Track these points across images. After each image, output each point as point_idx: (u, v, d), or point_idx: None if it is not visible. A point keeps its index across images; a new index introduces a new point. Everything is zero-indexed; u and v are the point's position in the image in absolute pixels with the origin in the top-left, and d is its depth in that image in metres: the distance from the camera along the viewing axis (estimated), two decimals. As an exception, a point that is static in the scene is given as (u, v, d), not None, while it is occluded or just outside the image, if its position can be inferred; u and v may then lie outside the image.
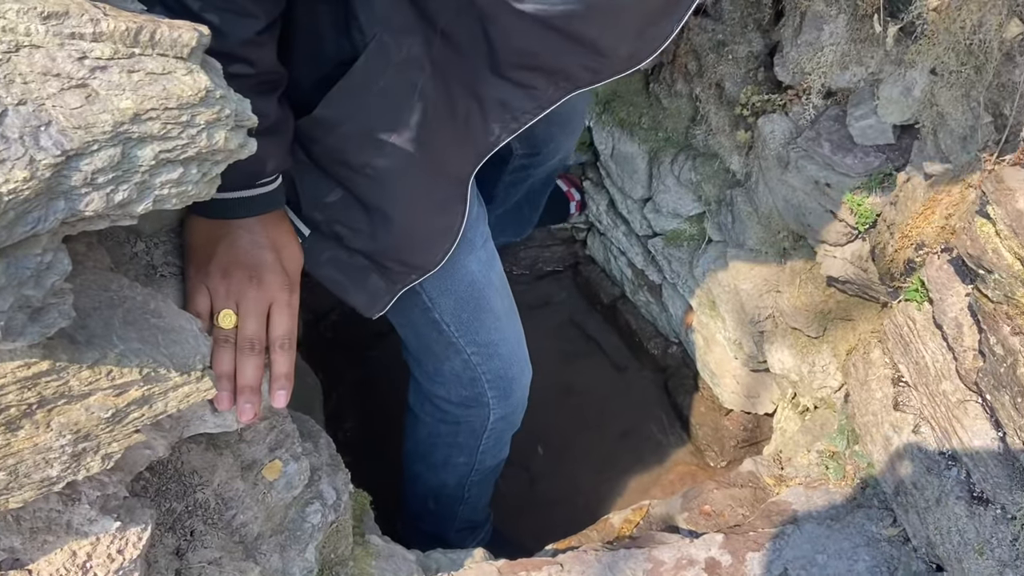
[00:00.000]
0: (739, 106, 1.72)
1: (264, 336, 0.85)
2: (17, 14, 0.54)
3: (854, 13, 1.45)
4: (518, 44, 0.90)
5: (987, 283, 0.98)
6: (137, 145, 0.57)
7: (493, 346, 1.39)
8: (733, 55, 1.74)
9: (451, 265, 1.19)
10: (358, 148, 0.98)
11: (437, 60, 0.92)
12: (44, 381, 0.57)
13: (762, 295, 1.78)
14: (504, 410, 1.49)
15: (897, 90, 1.38)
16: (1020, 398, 0.92)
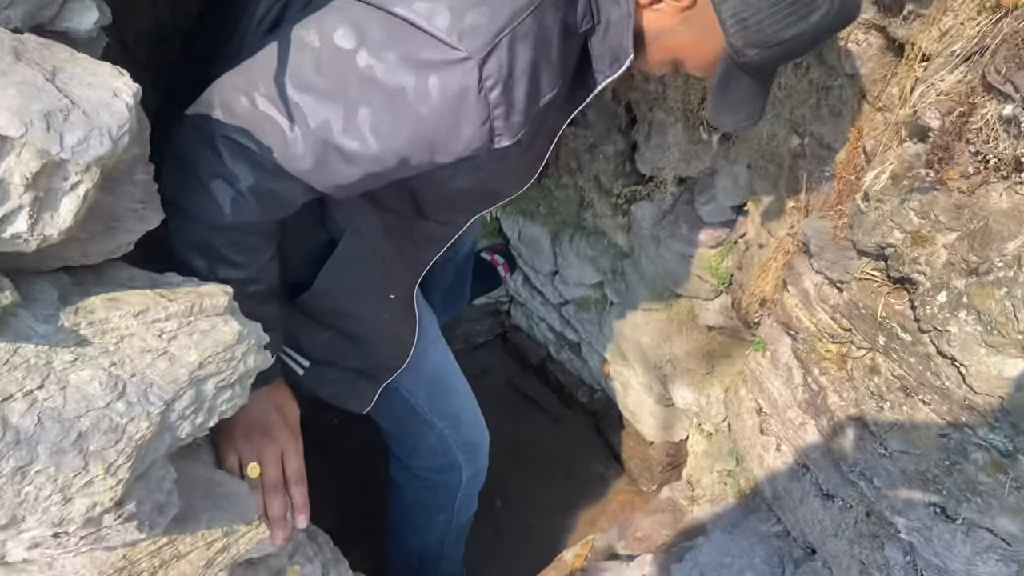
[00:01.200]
0: (614, 196, 2.09)
1: (282, 478, 1.14)
2: (120, 317, 0.83)
3: (687, 122, 1.83)
4: (440, 203, 1.24)
5: (797, 339, 1.34)
6: (204, 383, 0.87)
7: (458, 418, 1.71)
8: (603, 154, 2.11)
9: (419, 360, 1.51)
10: (346, 302, 1.30)
11: (387, 225, 1.25)
12: (163, 549, 0.85)
13: (659, 344, 2.14)
14: (472, 469, 1.79)
15: (728, 180, 1.77)
16: (829, 421, 1.28)
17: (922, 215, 1.02)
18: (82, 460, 0.74)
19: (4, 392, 0.73)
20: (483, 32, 0.87)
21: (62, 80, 0.72)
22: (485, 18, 0.87)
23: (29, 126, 0.67)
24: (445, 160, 0.98)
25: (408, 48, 0.89)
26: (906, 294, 1.08)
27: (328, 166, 0.97)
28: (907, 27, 1.17)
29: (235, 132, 0.97)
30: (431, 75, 0.89)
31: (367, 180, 1.01)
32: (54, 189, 0.72)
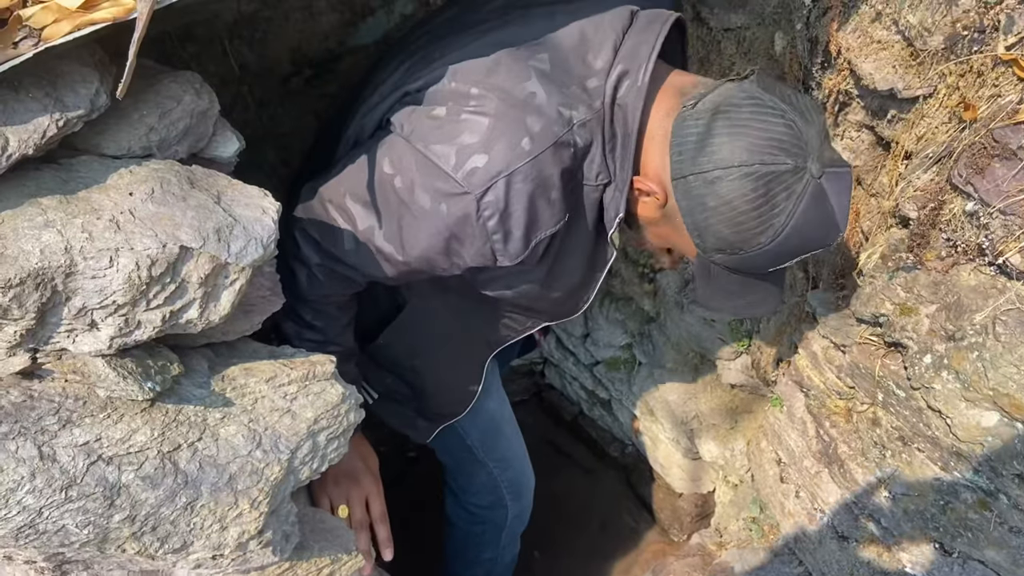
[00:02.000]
0: (640, 266, 2.29)
1: (367, 517, 1.33)
2: (255, 383, 1.04)
3: (706, 200, 2.04)
4: (492, 304, 1.44)
5: (810, 396, 1.52)
6: (318, 435, 1.07)
7: (507, 460, 1.92)
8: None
9: (478, 407, 1.71)
10: (406, 358, 1.52)
11: (451, 304, 1.45)
12: (286, 573, 1.04)
13: (686, 402, 2.31)
14: (517, 509, 1.99)
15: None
16: (840, 468, 1.45)
17: (907, 290, 1.21)
18: (233, 497, 0.94)
19: (174, 443, 0.93)
20: (480, 174, 1.05)
21: (226, 202, 0.94)
22: (483, 163, 1.05)
23: (206, 239, 0.89)
24: (462, 264, 1.15)
25: (428, 179, 1.09)
26: (899, 356, 1.26)
27: (369, 262, 1.20)
28: (891, 128, 1.38)
29: (308, 225, 1.22)
30: (442, 202, 1.09)
31: (403, 276, 1.22)
32: (218, 285, 0.93)
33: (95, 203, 0.86)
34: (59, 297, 0.83)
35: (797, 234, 1.03)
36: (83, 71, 0.88)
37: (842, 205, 1.04)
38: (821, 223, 1.04)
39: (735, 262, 1.09)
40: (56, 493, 0.83)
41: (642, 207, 1.15)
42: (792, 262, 1.10)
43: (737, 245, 1.06)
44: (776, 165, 1.00)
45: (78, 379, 0.89)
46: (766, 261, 1.07)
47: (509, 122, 1.06)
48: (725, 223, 1.04)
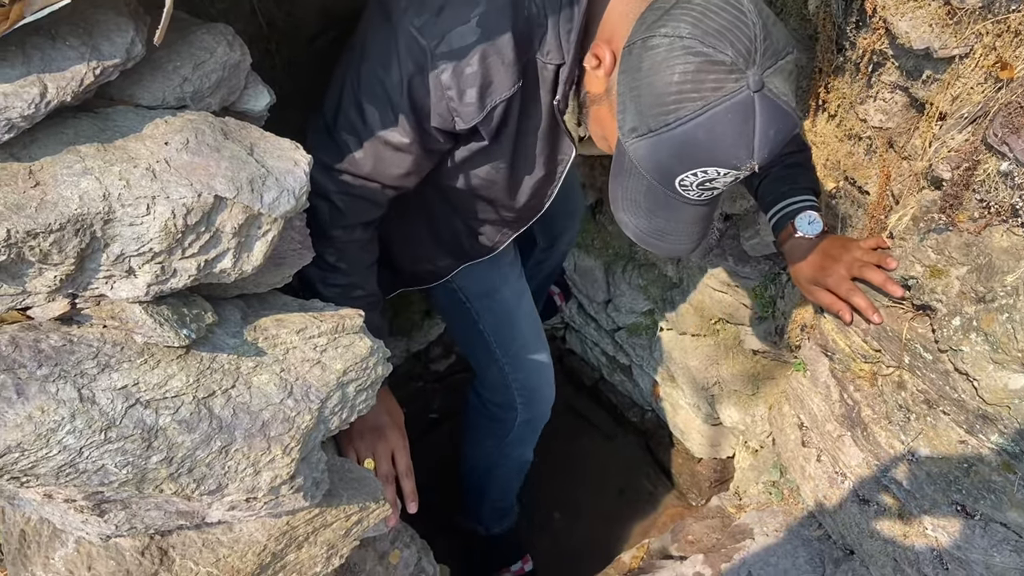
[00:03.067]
0: (665, 230, 2.28)
1: (393, 471, 1.35)
2: (286, 333, 1.06)
3: (733, 164, 2.02)
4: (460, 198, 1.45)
5: (834, 360, 1.52)
6: (347, 386, 1.08)
7: (520, 360, 1.88)
8: (654, 192, 2.31)
9: (492, 290, 1.72)
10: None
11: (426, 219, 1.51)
12: (315, 518, 1.06)
13: (707, 368, 2.32)
14: (528, 414, 1.96)
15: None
16: (863, 432, 1.45)
17: (938, 252, 1.20)
18: (266, 443, 0.96)
19: (208, 389, 0.95)
20: (435, 24, 1.09)
21: (259, 154, 0.95)
22: (439, 13, 1.09)
23: (240, 189, 0.90)
24: (428, 127, 1.19)
25: (395, 42, 1.13)
26: (927, 319, 1.26)
27: (382, 162, 1.24)
28: (926, 89, 1.36)
29: (317, 155, 1.22)
30: (406, 57, 1.13)
31: (415, 166, 1.25)
32: (251, 236, 0.94)
33: (132, 151, 0.88)
34: (98, 243, 0.84)
35: (707, 132, 1.00)
36: (118, 20, 0.88)
37: (766, 135, 1.01)
38: (737, 136, 1.00)
39: (643, 151, 1.06)
40: (96, 434, 0.85)
41: (593, 81, 1.15)
42: (697, 175, 1.05)
43: (648, 120, 1.03)
44: (718, 52, 0.98)
45: (116, 325, 0.91)
46: (669, 153, 1.04)
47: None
48: (648, 92, 1.02)
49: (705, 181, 1.07)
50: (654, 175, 1.09)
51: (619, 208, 1.18)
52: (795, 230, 1.46)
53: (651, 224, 1.16)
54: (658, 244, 1.19)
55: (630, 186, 1.13)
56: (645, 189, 1.11)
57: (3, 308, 0.87)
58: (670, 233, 1.17)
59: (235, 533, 1.05)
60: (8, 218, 0.78)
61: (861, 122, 1.56)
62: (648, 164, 1.08)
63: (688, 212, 1.14)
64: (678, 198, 1.11)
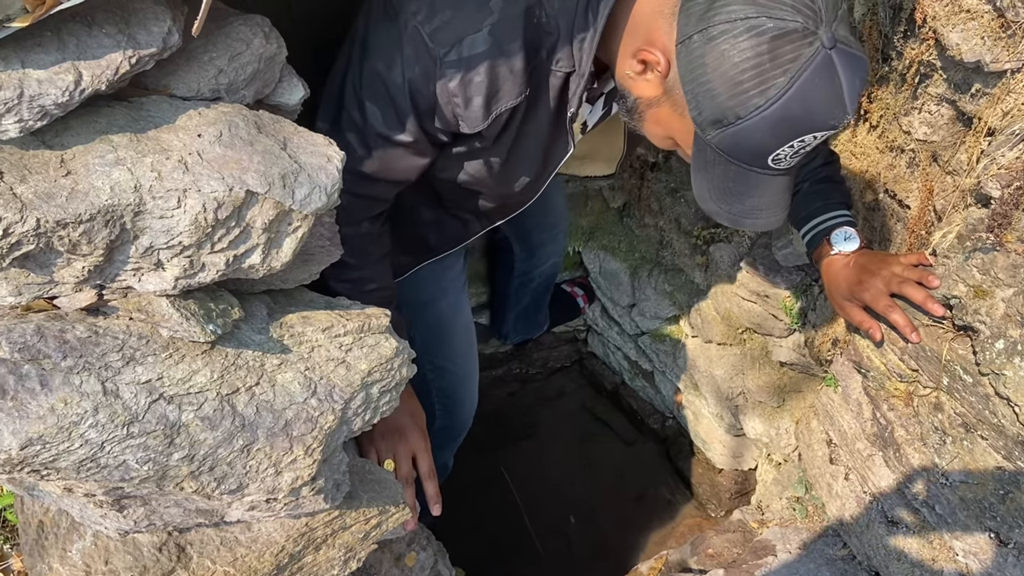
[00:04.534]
0: (694, 237, 2.25)
1: (413, 473, 1.34)
2: (312, 331, 1.04)
3: (767, 172, 1.98)
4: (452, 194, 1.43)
5: (868, 377, 1.48)
6: (371, 387, 1.07)
7: (444, 369, 1.87)
8: (684, 198, 2.28)
9: (430, 301, 1.70)
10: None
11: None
12: (334, 521, 1.05)
13: (732, 377, 2.28)
14: (445, 421, 1.93)
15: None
16: (895, 453, 1.41)
17: (983, 272, 1.16)
18: (288, 443, 0.94)
19: (232, 386, 0.94)
20: (445, 32, 1.08)
21: (292, 149, 0.93)
22: (449, 19, 1.08)
23: (272, 185, 0.88)
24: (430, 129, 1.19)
25: (401, 44, 1.12)
26: (968, 340, 1.22)
27: (384, 159, 1.23)
28: (974, 103, 1.32)
29: None
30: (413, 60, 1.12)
31: (416, 160, 1.24)
32: (281, 232, 0.92)
33: (164, 143, 0.86)
34: (127, 235, 0.83)
35: (801, 103, 0.97)
36: (155, 9, 0.87)
37: (852, 86, 0.98)
38: (828, 97, 0.97)
39: (731, 140, 1.03)
40: (118, 428, 0.84)
41: (643, 86, 1.11)
42: (794, 145, 1.02)
43: (733, 110, 0.99)
44: (785, 22, 0.94)
45: (142, 317, 0.90)
46: (763, 135, 1.01)
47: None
48: (723, 83, 0.98)
49: (801, 149, 1.05)
50: (746, 159, 1.06)
51: (707, 200, 1.14)
52: (831, 247, 1.43)
53: (745, 206, 1.13)
54: (754, 222, 1.16)
55: (716, 176, 1.10)
56: (735, 174, 1.08)
57: (30, 296, 0.86)
58: (764, 208, 1.13)
59: (253, 533, 1.03)
60: (38, 207, 0.77)
61: (904, 134, 1.52)
62: (740, 151, 1.05)
63: (779, 183, 1.11)
64: (770, 172, 1.08)
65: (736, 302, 2.15)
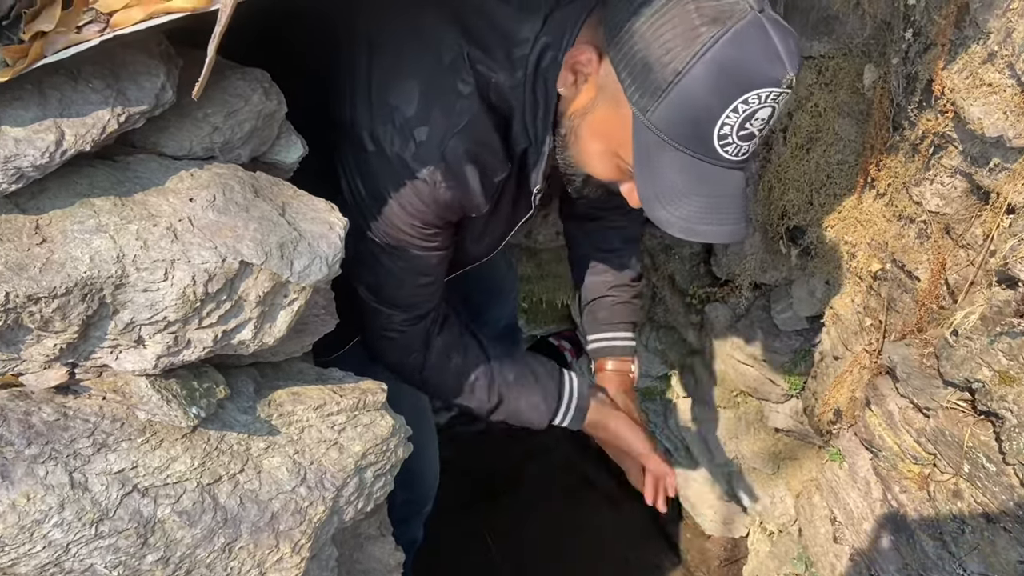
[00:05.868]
0: (688, 296, 2.20)
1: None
2: (303, 410, 0.95)
3: (766, 233, 1.94)
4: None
5: (879, 456, 1.42)
6: (365, 471, 0.98)
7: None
8: (679, 255, 2.23)
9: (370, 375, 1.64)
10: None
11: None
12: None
13: (726, 442, 2.21)
14: (406, 495, 1.77)
15: (805, 291, 1.87)
16: (908, 538, 1.35)
17: (1011, 357, 1.11)
18: (274, 539, 0.86)
19: (214, 474, 0.85)
20: (426, 148, 1.08)
21: (291, 215, 0.86)
22: (425, 135, 1.07)
23: (268, 255, 0.81)
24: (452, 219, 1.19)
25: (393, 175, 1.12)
26: (991, 426, 1.16)
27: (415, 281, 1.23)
28: (992, 178, 1.28)
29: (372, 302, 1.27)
30: (405, 183, 1.11)
31: (442, 258, 1.25)
32: (276, 305, 0.85)
33: (152, 207, 0.78)
34: (106, 310, 0.75)
35: (737, 48, 0.90)
36: (149, 63, 0.80)
37: (788, 46, 0.92)
38: (763, 49, 0.91)
39: (671, 110, 0.95)
40: (86, 528, 0.75)
41: (579, 98, 1.07)
42: (738, 109, 0.93)
43: (669, 67, 0.92)
44: None
45: (117, 399, 0.81)
46: (703, 92, 0.93)
47: (440, 87, 1.08)
48: (655, 46, 0.93)
49: (746, 118, 0.95)
50: (688, 137, 0.97)
51: (655, 206, 1.03)
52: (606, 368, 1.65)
53: (697, 207, 1.02)
54: (708, 229, 1.03)
55: (662, 171, 1.01)
56: (680, 165, 0.99)
57: (-8, 374, 0.77)
58: (720, 211, 1.02)
59: (231, 634, 0.93)
60: (8, 280, 0.69)
61: (915, 204, 1.48)
62: (682, 122, 0.96)
63: (730, 179, 1.01)
64: (718, 162, 0.99)
65: (731, 364, 2.09)
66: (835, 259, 1.77)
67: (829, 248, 1.77)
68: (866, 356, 1.66)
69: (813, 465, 1.97)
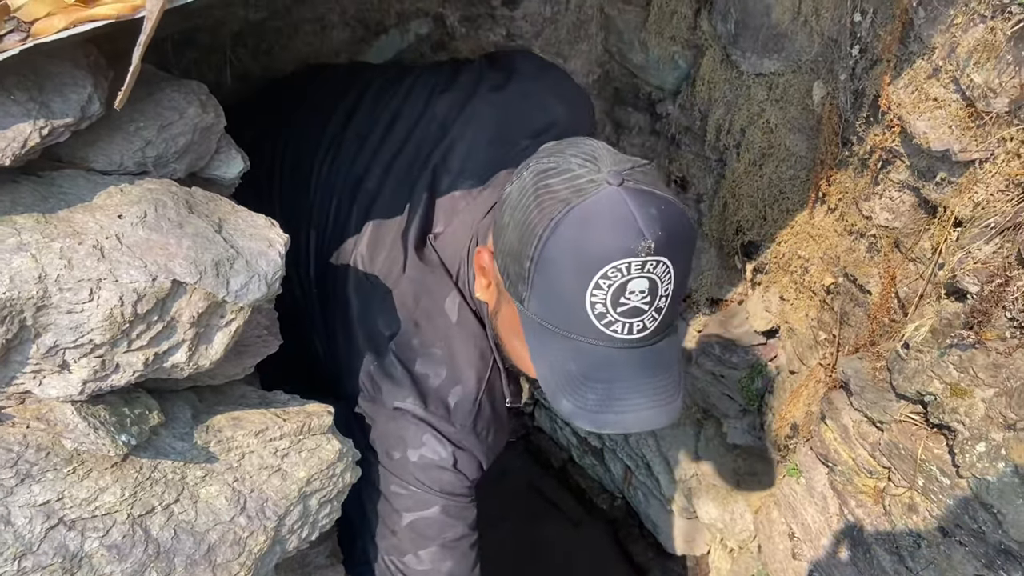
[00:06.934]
0: (647, 313, 2.19)
1: None
2: (243, 436, 0.92)
3: (721, 250, 1.95)
4: None
5: (835, 471, 1.42)
6: (309, 498, 0.94)
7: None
8: (637, 272, 2.22)
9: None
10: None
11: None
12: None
13: (686, 459, 2.20)
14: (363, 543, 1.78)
15: (760, 307, 1.87)
16: (864, 553, 1.34)
17: (961, 369, 1.11)
18: (211, 572, 0.82)
19: (147, 505, 0.81)
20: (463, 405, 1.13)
21: (227, 231, 0.83)
22: (461, 394, 1.13)
23: (203, 274, 0.77)
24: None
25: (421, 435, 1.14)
26: (944, 439, 1.17)
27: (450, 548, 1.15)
28: (939, 191, 1.30)
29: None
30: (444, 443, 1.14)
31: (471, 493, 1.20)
32: (211, 325, 0.81)
33: (78, 225, 0.75)
34: (27, 333, 0.71)
35: (581, 224, 0.87)
36: (75, 73, 0.76)
37: (648, 214, 0.87)
38: (617, 221, 0.87)
39: (540, 296, 0.92)
40: (8, 563, 0.70)
41: (488, 296, 1.09)
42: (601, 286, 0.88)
43: (526, 251, 0.91)
44: (564, 165, 0.94)
45: (42, 427, 0.76)
46: (562, 271, 0.89)
47: (461, 343, 1.14)
48: (515, 234, 0.93)
49: (616, 294, 0.89)
50: (567, 321, 0.92)
51: (555, 397, 0.97)
52: None
53: (596, 395, 0.94)
54: (620, 419, 0.95)
55: (554, 359, 0.96)
56: (571, 351, 0.94)
57: (-97, 403, 0.73)
58: (624, 397, 0.94)
59: (166, 673, 0.89)
60: (-84, 302, 0.65)
61: (865, 219, 1.50)
62: (553, 306, 0.92)
63: (632, 360, 0.94)
64: (611, 345, 0.92)
65: (689, 381, 2.09)
66: (789, 274, 1.78)
67: (783, 263, 1.78)
68: (821, 370, 1.67)
69: (772, 480, 1.97)
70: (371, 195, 1.24)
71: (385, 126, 1.28)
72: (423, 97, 1.30)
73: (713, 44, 1.73)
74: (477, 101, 1.28)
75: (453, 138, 1.25)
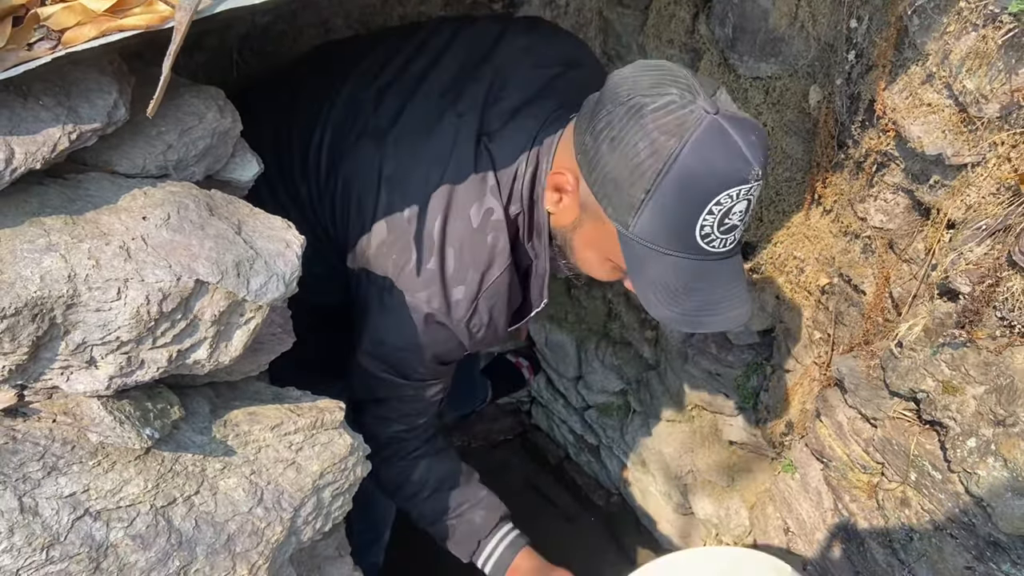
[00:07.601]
0: (643, 311, 2.22)
1: None
2: (260, 430, 0.94)
3: (719, 250, 1.98)
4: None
5: (829, 467, 1.45)
6: (323, 491, 0.97)
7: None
8: (635, 272, 2.26)
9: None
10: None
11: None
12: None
13: (681, 455, 2.24)
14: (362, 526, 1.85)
15: (756, 306, 1.90)
16: (858, 547, 1.38)
17: (953, 367, 1.15)
18: (231, 561, 0.84)
19: (168, 496, 0.84)
20: (463, 304, 1.21)
21: (247, 233, 0.86)
22: (462, 294, 1.20)
23: (224, 274, 0.80)
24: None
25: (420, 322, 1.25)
26: (936, 435, 1.20)
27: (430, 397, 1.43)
28: (932, 194, 1.33)
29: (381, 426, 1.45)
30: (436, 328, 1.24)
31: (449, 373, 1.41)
32: (232, 324, 0.84)
33: (104, 226, 0.77)
34: (57, 330, 0.73)
35: (699, 159, 0.96)
36: (101, 80, 0.79)
37: (749, 141, 0.97)
38: (726, 152, 0.96)
39: (651, 223, 1.00)
40: (36, 553, 0.73)
41: (564, 213, 1.13)
42: (713, 212, 0.99)
43: (639, 187, 0.98)
44: (660, 98, 0.98)
45: (68, 421, 0.79)
46: (677, 203, 0.98)
47: (475, 248, 1.18)
48: (622, 165, 0.99)
49: (723, 216, 1.00)
50: (673, 241, 1.01)
51: (656, 307, 1.08)
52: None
53: (696, 302, 1.06)
54: (713, 319, 1.09)
55: (655, 275, 1.05)
56: (672, 267, 1.03)
57: (-65, 397, 0.75)
58: (719, 301, 1.07)
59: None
60: (-47, 300, 0.67)
61: (860, 220, 1.53)
62: (665, 234, 1.01)
63: (724, 269, 1.06)
64: (707, 257, 1.04)
65: (686, 378, 2.12)
66: (784, 274, 1.81)
67: (779, 263, 1.81)
68: (816, 369, 1.70)
69: (766, 477, 2.00)
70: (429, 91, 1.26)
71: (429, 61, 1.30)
72: (452, 29, 1.34)
73: (711, 48, 1.76)
74: (509, 34, 1.32)
75: (498, 62, 1.27)
